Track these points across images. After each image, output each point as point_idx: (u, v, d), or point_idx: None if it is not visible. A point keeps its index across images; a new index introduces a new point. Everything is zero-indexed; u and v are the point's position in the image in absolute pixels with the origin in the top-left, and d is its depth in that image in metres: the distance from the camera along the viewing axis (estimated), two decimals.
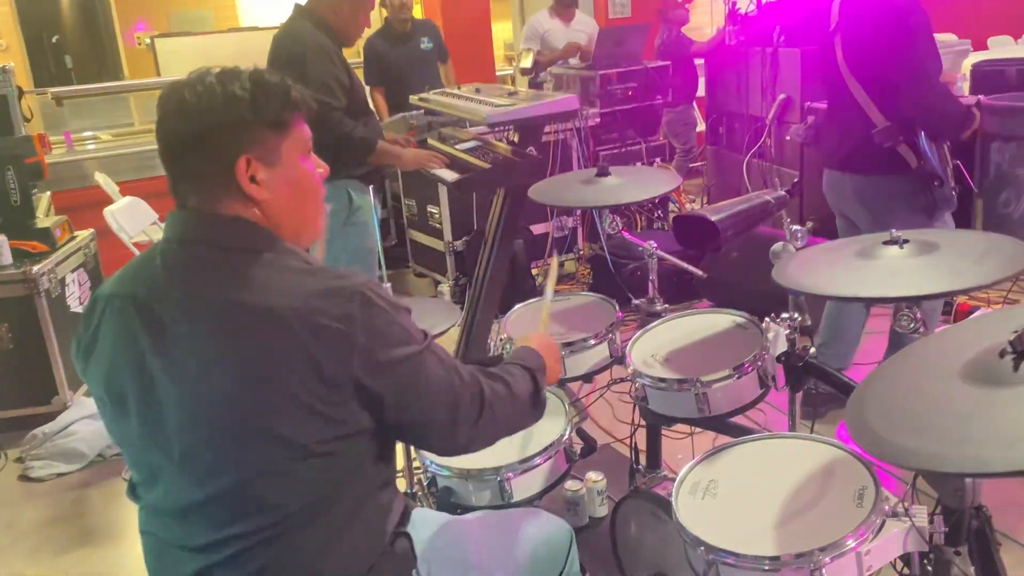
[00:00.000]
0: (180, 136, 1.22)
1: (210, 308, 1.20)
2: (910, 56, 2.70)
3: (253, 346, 1.17)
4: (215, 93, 1.21)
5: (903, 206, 2.84)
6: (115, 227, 3.97)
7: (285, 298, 1.18)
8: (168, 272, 1.24)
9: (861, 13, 2.82)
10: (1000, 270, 1.39)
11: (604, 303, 2.40)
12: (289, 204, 1.29)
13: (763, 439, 1.72)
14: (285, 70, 3.01)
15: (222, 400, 1.19)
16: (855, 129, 2.87)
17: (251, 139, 1.23)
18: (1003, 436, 0.91)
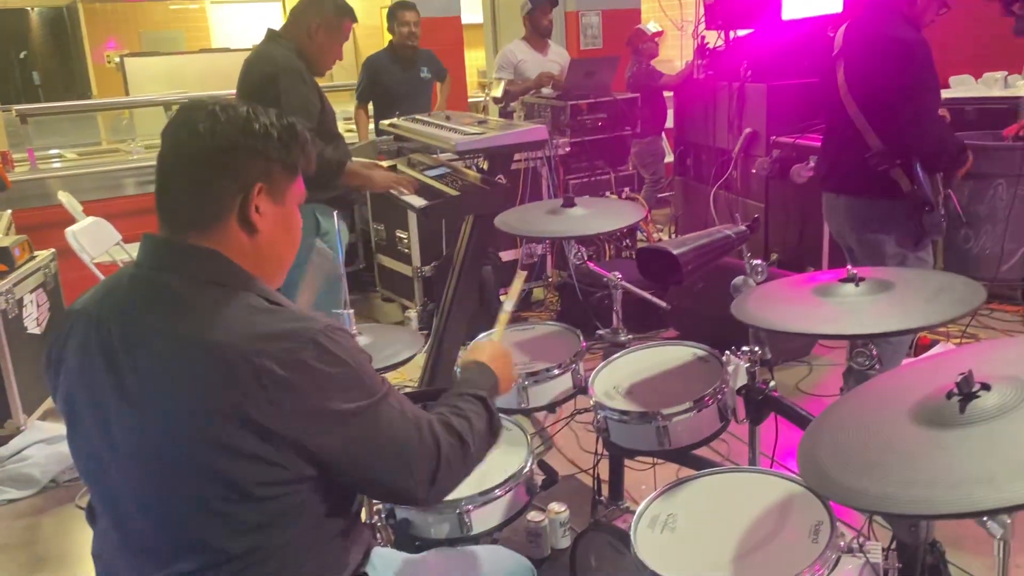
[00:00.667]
0: (206, 145, 1.22)
1: (162, 338, 1.19)
2: (913, 89, 2.77)
3: (198, 381, 1.15)
4: (250, 119, 1.24)
5: (892, 229, 2.90)
6: (76, 248, 3.91)
7: (235, 336, 1.16)
8: (132, 297, 1.24)
9: (867, 41, 2.89)
10: (951, 310, 1.41)
11: (568, 333, 2.41)
12: (277, 243, 1.30)
13: (722, 473, 1.73)
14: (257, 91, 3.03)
15: (163, 432, 1.17)
16: (851, 151, 2.93)
17: (268, 171, 1.26)
18: (949, 478, 0.92)
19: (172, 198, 1.25)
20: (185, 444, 1.16)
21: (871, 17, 2.96)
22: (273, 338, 1.17)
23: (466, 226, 3.26)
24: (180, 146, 1.24)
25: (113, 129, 7.13)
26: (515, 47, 5.62)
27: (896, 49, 2.77)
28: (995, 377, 1.04)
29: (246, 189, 1.23)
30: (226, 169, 1.23)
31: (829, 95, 3.04)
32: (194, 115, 1.24)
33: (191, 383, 1.16)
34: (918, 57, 2.76)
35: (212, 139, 1.22)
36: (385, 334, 2.51)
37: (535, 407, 2.20)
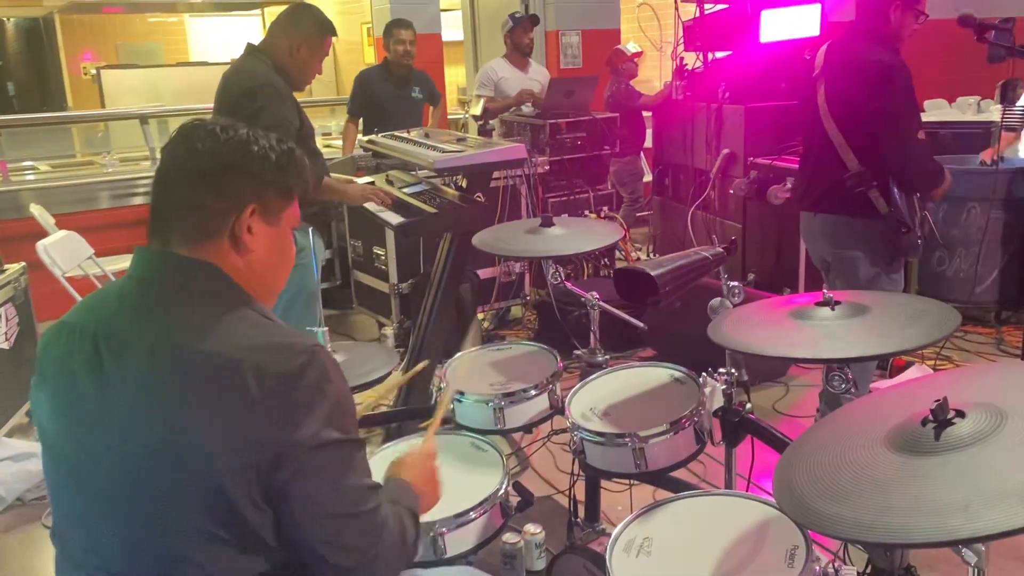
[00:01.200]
0: (203, 164, 1.23)
1: (152, 348, 1.18)
2: (893, 111, 2.80)
3: (186, 390, 1.15)
4: (250, 140, 1.26)
5: (867, 248, 2.92)
6: (47, 261, 3.86)
7: (227, 347, 1.16)
8: (122, 308, 1.24)
9: (848, 63, 2.92)
10: (926, 335, 1.42)
11: (545, 353, 2.39)
12: (269, 265, 1.31)
13: (698, 496, 1.72)
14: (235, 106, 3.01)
15: (144, 439, 1.15)
16: (829, 171, 2.95)
17: (263, 193, 1.27)
18: (924, 506, 0.91)
19: (167, 213, 1.25)
20: (164, 450, 1.14)
21: (852, 39, 2.99)
22: (266, 349, 1.17)
23: (444, 244, 3.24)
24: (178, 163, 1.25)
25: (88, 141, 7.06)
26: (496, 65, 5.64)
27: (877, 72, 2.80)
28: (970, 404, 1.04)
29: (239, 209, 1.24)
30: (221, 188, 1.24)
31: (809, 115, 3.06)
32: (195, 133, 1.25)
33: (178, 392, 1.15)
34: (898, 80, 2.79)
35: (210, 158, 1.23)
36: (361, 351, 2.49)
37: (511, 428, 2.18)
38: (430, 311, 3.23)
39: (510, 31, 5.52)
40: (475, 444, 2.07)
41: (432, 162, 3.06)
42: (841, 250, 2.98)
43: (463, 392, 2.15)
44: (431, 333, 3.20)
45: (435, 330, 3.20)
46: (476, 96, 5.63)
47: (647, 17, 7.02)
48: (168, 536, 1.16)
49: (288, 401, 1.15)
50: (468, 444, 2.08)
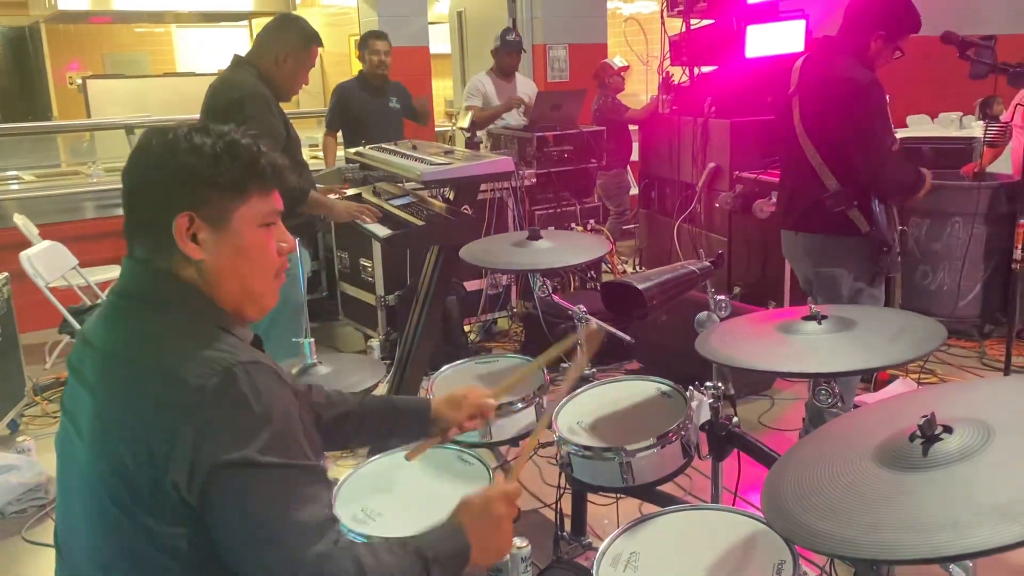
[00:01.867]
0: (137, 180, 1.22)
1: (104, 360, 1.21)
2: (865, 128, 2.79)
3: (118, 399, 1.16)
4: (179, 144, 1.19)
5: (849, 266, 2.92)
6: (31, 272, 3.82)
7: (156, 359, 1.15)
8: (100, 318, 1.26)
9: (821, 80, 2.91)
10: (913, 349, 1.43)
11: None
12: (231, 270, 1.23)
13: (685, 510, 1.72)
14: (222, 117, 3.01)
15: (91, 451, 1.17)
16: (808, 191, 2.94)
17: (202, 197, 1.20)
18: (913, 522, 0.91)
19: (128, 230, 1.25)
20: (101, 461, 1.15)
21: (826, 56, 2.99)
22: (188, 363, 1.12)
23: (431, 256, 3.24)
24: (125, 180, 1.24)
25: (73, 151, 7.03)
26: (483, 78, 5.68)
27: (850, 90, 2.80)
28: (957, 420, 1.05)
29: (173, 215, 1.19)
30: (152, 201, 1.20)
31: (785, 132, 3.06)
32: (138, 147, 1.24)
33: (113, 403, 1.16)
34: (871, 98, 2.79)
35: (142, 170, 1.21)
36: (347, 363, 2.48)
37: (498, 441, 2.18)
38: (417, 323, 3.22)
39: (495, 50, 5.59)
40: (461, 457, 2.06)
41: (419, 174, 3.06)
42: (823, 268, 2.98)
43: None
44: (418, 345, 3.19)
45: (422, 342, 3.19)
46: (465, 107, 5.65)
47: (634, 32, 7.07)
48: (122, 547, 1.16)
49: (199, 416, 1.09)
50: (454, 457, 2.07)
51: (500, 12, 6.97)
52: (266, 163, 1.25)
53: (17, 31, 9.16)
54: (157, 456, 1.09)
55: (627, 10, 8.83)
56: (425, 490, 1.96)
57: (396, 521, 1.81)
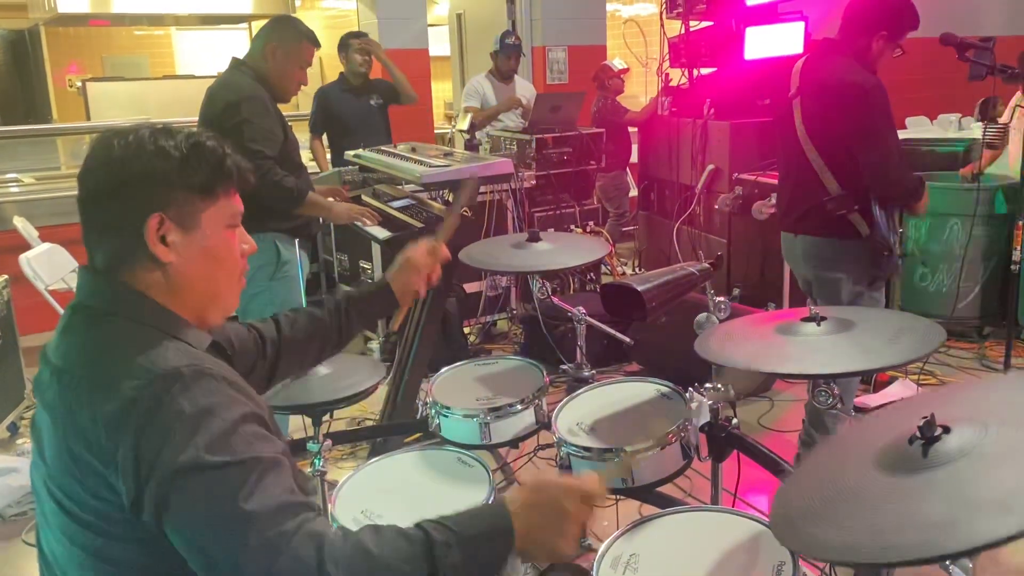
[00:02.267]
0: (100, 184, 1.18)
1: (57, 371, 1.18)
2: (869, 131, 2.79)
3: (63, 414, 1.13)
4: (144, 146, 1.18)
5: (849, 269, 2.91)
6: (30, 274, 3.82)
7: (93, 372, 1.13)
8: (58, 330, 1.23)
9: (823, 82, 2.90)
10: (912, 350, 1.43)
11: (531, 368, 2.39)
12: (199, 273, 1.23)
13: (685, 512, 1.72)
14: (219, 119, 3.01)
15: (47, 465, 1.17)
16: (809, 193, 2.94)
17: (171, 199, 1.18)
18: (914, 524, 0.91)
19: (87, 235, 1.22)
20: (51, 474, 1.16)
21: (827, 59, 2.97)
22: (128, 371, 1.10)
23: None
24: (85, 183, 1.20)
25: (73, 154, 7.03)
26: (481, 80, 5.70)
27: (853, 93, 2.79)
28: (956, 419, 1.05)
29: (140, 222, 1.17)
30: (118, 204, 1.17)
31: (785, 135, 3.05)
32: (95, 149, 1.21)
33: (61, 417, 1.13)
34: (875, 101, 2.78)
35: (107, 173, 1.18)
36: (346, 363, 2.48)
37: (497, 443, 2.17)
38: (416, 325, 3.22)
39: (494, 53, 5.62)
40: (461, 459, 2.06)
41: (419, 176, 3.07)
42: (823, 271, 2.98)
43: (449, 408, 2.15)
44: (417, 347, 3.19)
45: (421, 344, 3.19)
46: (464, 108, 5.66)
47: (633, 34, 7.07)
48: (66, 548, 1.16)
49: (135, 428, 1.06)
50: (454, 459, 2.07)
51: (499, 14, 6.98)
52: (232, 164, 1.24)
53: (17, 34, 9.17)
54: (104, 474, 1.08)
55: (626, 12, 8.84)
56: (425, 491, 1.96)
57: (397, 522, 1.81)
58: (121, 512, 1.09)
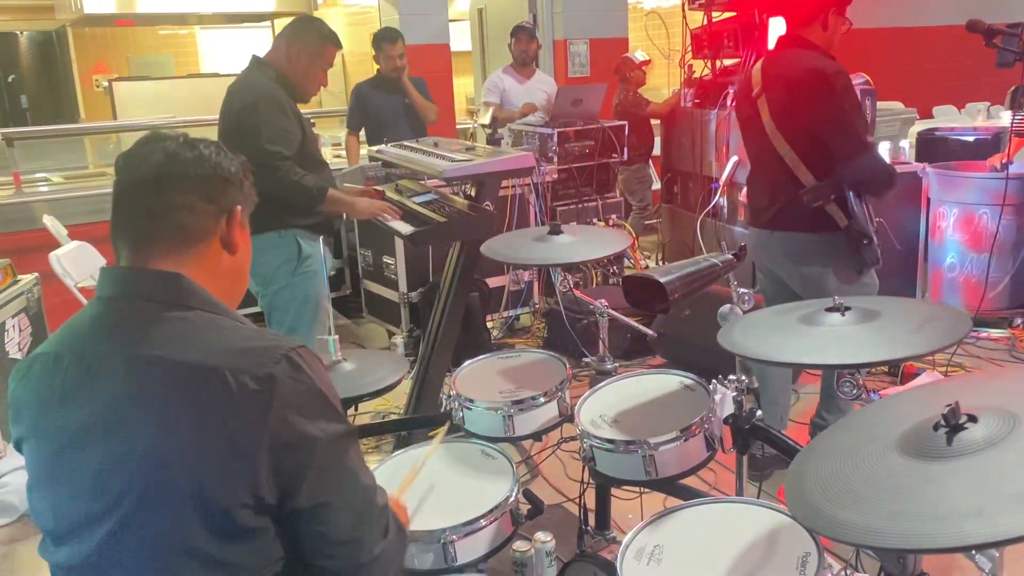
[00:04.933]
0: (192, 173, 1.26)
1: (134, 365, 1.17)
2: (837, 116, 2.76)
3: (174, 403, 1.14)
4: (225, 154, 1.31)
5: (832, 262, 2.87)
6: (60, 272, 3.88)
7: (204, 354, 1.16)
8: (94, 329, 1.22)
9: (787, 75, 2.87)
10: (938, 339, 1.41)
11: (554, 360, 2.40)
12: (244, 263, 1.35)
13: (709, 503, 1.71)
14: (237, 119, 3.03)
15: (141, 458, 1.14)
16: (783, 189, 2.90)
17: (239, 197, 1.32)
18: (937, 511, 0.91)
19: (144, 224, 1.25)
20: (151, 466, 1.13)
21: (786, 52, 2.95)
22: (245, 353, 1.17)
23: (453, 252, 3.25)
24: (158, 172, 1.24)
25: (100, 153, 7.11)
26: (500, 75, 5.71)
27: (817, 80, 2.76)
28: (982, 408, 1.04)
29: (230, 209, 1.29)
30: (211, 191, 1.27)
31: (753, 134, 3.01)
32: (164, 144, 1.27)
33: (161, 404, 1.14)
34: (839, 86, 2.75)
35: (199, 165, 1.26)
36: (371, 359, 2.50)
37: (521, 435, 2.18)
38: (440, 319, 3.23)
39: (510, 44, 5.66)
40: (485, 452, 2.08)
41: (441, 171, 3.07)
42: (806, 267, 2.92)
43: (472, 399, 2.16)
44: (441, 341, 3.20)
45: (445, 339, 3.20)
46: (484, 103, 5.66)
47: (655, 25, 7.03)
48: (159, 557, 1.14)
49: (272, 403, 1.14)
50: (478, 452, 2.08)
51: (520, 8, 6.97)
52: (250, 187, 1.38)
53: (44, 35, 9.30)
54: (242, 452, 1.12)
55: (648, 4, 8.79)
56: (450, 484, 1.97)
57: (422, 515, 1.83)
58: (252, 497, 1.13)
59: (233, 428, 1.13)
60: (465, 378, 2.35)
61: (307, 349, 1.22)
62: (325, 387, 1.21)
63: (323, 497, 1.19)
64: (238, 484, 1.13)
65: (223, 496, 1.13)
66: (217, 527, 1.13)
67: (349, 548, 1.23)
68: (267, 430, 1.13)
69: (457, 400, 2.21)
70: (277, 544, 1.19)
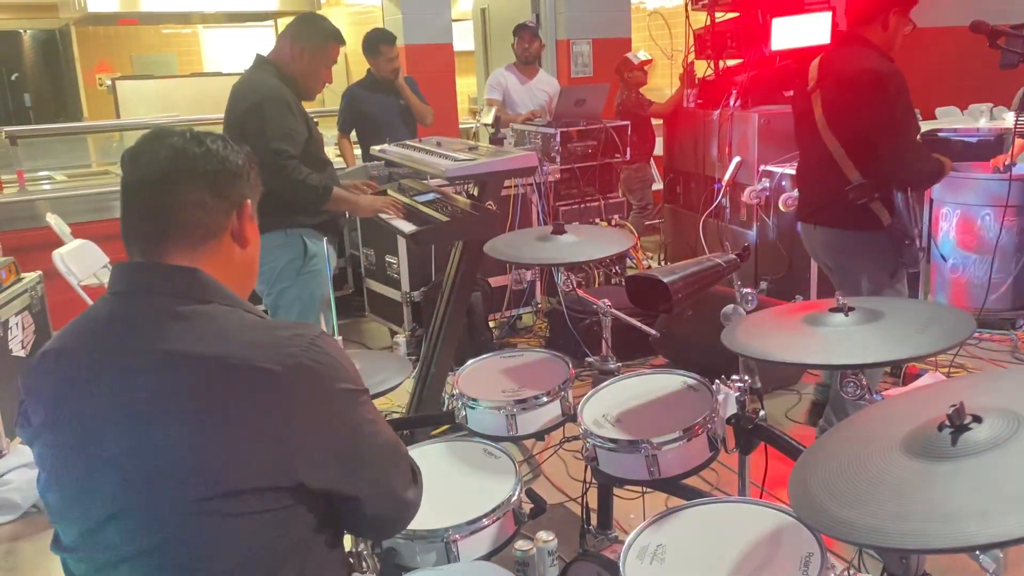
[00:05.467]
0: (201, 168, 1.25)
1: (154, 360, 1.17)
2: (889, 119, 2.80)
3: (198, 395, 1.14)
4: (231, 147, 1.30)
5: (869, 260, 2.90)
6: (63, 270, 3.88)
7: (232, 347, 1.17)
8: (114, 325, 1.22)
9: (841, 72, 2.91)
10: (942, 340, 1.41)
11: (557, 360, 2.39)
12: (255, 255, 1.36)
13: (712, 503, 1.71)
14: (243, 118, 3.03)
15: (164, 449, 1.14)
16: (830, 184, 2.93)
17: (248, 189, 1.32)
18: (941, 512, 0.91)
19: (156, 221, 1.24)
20: (185, 458, 1.13)
21: (844, 50, 3.00)
22: (270, 344, 1.18)
23: (455, 252, 3.25)
24: (166, 168, 1.24)
25: (104, 151, 7.11)
26: (503, 72, 5.73)
27: (872, 81, 2.80)
28: (987, 409, 1.04)
29: (240, 203, 1.30)
30: (221, 186, 1.27)
31: (805, 128, 3.05)
32: (171, 140, 1.26)
33: (192, 398, 1.14)
34: (892, 87, 2.79)
35: (208, 160, 1.26)
36: (374, 360, 2.50)
37: (523, 435, 2.18)
38: (442, 319, 3.23)
39: (513, 42, 5.71)
40: (487, 451, 2.07)
41: (444, 170, 3.08)
42: (844, 262, 2.97)
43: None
44: (443, 341, 3.21)
45: (447, 338, 3.20)
46: (487, 100, 5.67)
47: (658, 26, 7.03)
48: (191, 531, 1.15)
49: (302, 389, 1.17)
50: (480, 450, 2.08)
51: (523, 8, 6.97)
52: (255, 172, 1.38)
53: (48, 34, 9.31)
54: (259, 441, 1.15)
55: (651, 4, 8.79)
56: (452, 482, 1.97)
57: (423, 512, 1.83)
58: (288, 480, 1.16)
59: (263, 418, 1.14)
60: (468, 377, 2.35)
61: (328, 335, 1.25)
62: (350, 368, 1.26)
63: (366, 451, 1.27)
64: (271, 471, 1.15)
65: (255, 482, 1.14)
66: (243, 511, 1.14)
67: (396, 495, 1.34)
68: (297, 416, 1.16)
69: (460, 399, 2.21)
70: (309, 516, 1.22)
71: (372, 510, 1.31)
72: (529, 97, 5.70)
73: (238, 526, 1.15)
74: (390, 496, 1.34)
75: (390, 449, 1.32)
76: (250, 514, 1.15)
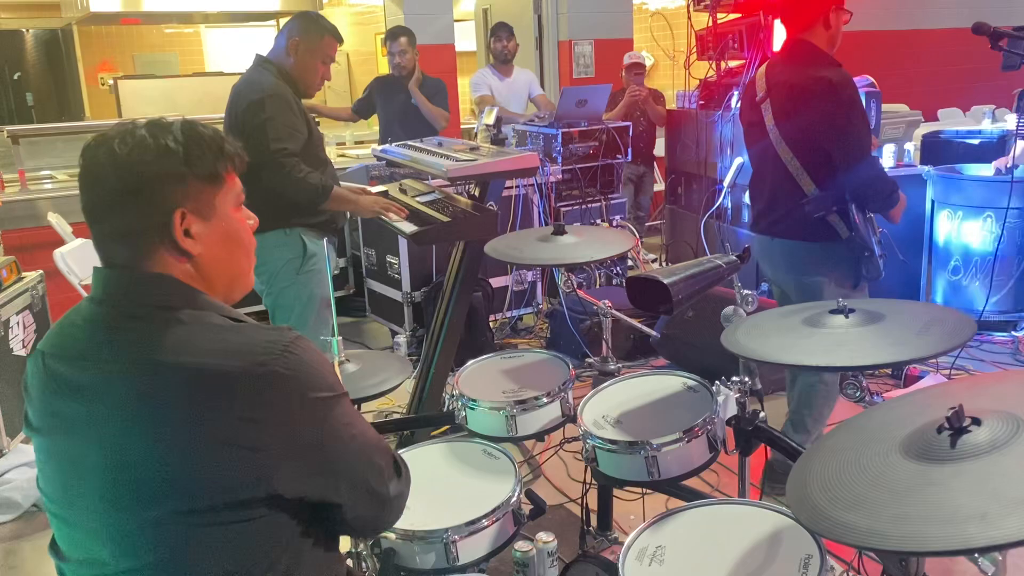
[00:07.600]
0: (112, 190, 1.18)
1: (128, 369, 1.15)
2: (842, 127, 2.72)
3: (170, 405, 1.13)
4: (147, 146, 1.18)
5: (830, 272, 2.83)
6: (64, 269, 3.89)
7: (203, 355, 1.14)
8: (88, 332, 1.21)
9: (792, 83, 2.83)
10: (942, 342, 1.41)
11: (557, 361, 2.39)
12: (222, 257, 1.26)
13: (712, 504, 1.71)
14: (243, 118, 3.03)
15: (141, 461, 1.13)
16: (786, 196, 2.86)
17: (186, 193, 1.20)
18: (940, 514, 0.91)
19: (103, 241, 1.22)
20: (168, 468, 1.12)
21: (791, 57, 2.90)
22: (241, 351, 1.15)
23: (456, 252, 3.25)
24: (94, 191, 1.20)
25: None
26: (484, 71, 5.89)
27: (824, 89, 2.72)
28: (986, 412, 1.04)
29: (167, 218, 1.19)
30: (136, 208, 1.18)
31: (756, 139, 2.97)
32: (96, 156, 1.19)
33: (166, 408, 1.13)
34: (846, 96, 2.72)
35: (118, 178, 1.17)
36: (374, 360, 2.49)
37: (523, 435, 2.18)
38: (443, 319, 3.23)
39: (489, 42, 5.84)
40: (487, 451, 2.07)
41: (445, 171, 3.08)
42: (804, 276, 2.88)
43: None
44: (444, 341, 3.20)
45: (448, 338, 3.20)
46: (479, 98, 5.73)
47: (660, 27, 7.03)
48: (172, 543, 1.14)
49: (275, 397, 1.14)
50: (480, 451, 2.08)
51: (525, 9, 6.97)
52: (230, 146, 1.27)
53: (50, 33, 9.31)
54: (247, 443, 1.13)
55: (653, 5, 8.79)
56: (452, 483, 1.97)
57: (422, 513, 1.83)
58: (263, 489, 1.15)
59: (235, 428, 1.12)
60: (468, 378, 2.35)
61: (305, 340, 1.21)
62: (326, 374, 1.22)
63: (334, 480, 1.24)
64: (247, 481, 1.13)
65: (232, 494, 1.13)
66: (224, 521, 1.14)
67: (374, 494, 1.31)
68: (269, 426, 1.13)
69: (460, 400, 2.21)
70: (293, 522, 1.21)
71: (352, 512, 1.29)
72: (510, 93, 5.78)
73: (223, 536, 1.15)
74: (369, 496, 1.30)
75: (368, 450, 1.29)
76: (233, 523, 1.14)
